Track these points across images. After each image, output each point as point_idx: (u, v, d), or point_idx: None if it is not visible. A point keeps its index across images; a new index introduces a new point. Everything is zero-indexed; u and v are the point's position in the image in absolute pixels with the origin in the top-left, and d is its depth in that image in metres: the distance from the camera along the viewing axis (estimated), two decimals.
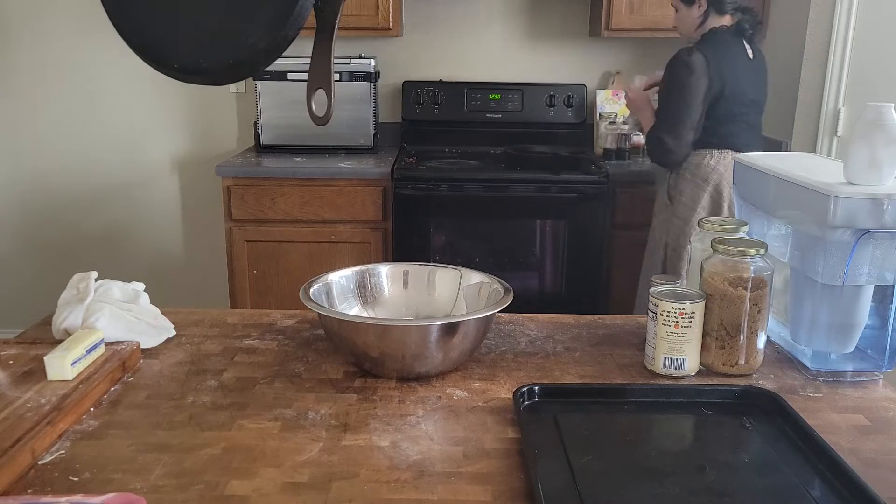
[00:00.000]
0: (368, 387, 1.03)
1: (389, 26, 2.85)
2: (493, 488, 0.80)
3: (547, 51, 3.20)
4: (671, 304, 1.04)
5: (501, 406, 0.98)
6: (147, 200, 3.33)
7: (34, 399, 0.92)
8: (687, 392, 1.00)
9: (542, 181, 2.68)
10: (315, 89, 0.95)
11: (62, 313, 1.10)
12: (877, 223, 1.00)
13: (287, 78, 2.87)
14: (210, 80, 0.92)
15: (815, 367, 1.09)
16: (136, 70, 3.14)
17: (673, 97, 2.20)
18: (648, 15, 2.85)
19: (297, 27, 0.86)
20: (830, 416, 0.97)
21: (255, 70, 0.91)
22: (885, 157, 1.00)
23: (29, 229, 3.33)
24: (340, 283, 1.19)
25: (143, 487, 0.79)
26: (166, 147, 3.28)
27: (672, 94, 2.20)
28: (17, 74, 3.17)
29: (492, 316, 1.06)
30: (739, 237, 1.14)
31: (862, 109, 1.01)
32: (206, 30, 0.87)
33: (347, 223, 2.74)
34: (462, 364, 1.09)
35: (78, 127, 3.23)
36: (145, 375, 1.06)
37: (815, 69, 2.60)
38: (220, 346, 1.16)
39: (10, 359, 1.04)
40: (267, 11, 0.84)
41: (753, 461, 0.86)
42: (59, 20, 3.12)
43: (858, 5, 2.50)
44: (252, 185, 2.71)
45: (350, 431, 0.91)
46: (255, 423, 0.93)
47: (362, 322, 1.03)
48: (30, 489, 0.78)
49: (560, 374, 1.08)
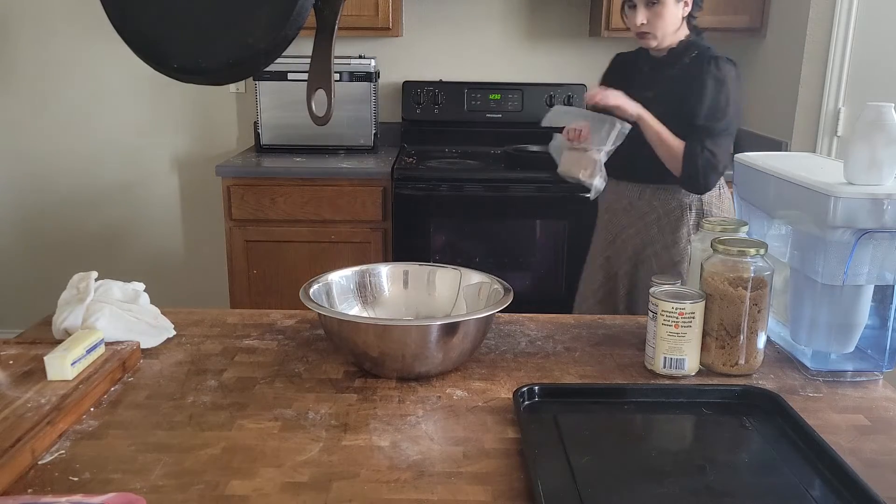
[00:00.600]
0: (368, 387, 1.03)
1: (389, 26, 2.85)
2: (493, 488, 0.80)
3: (547, 51, 3.20)
4: (671, 304, 1.04)
5: (501, 406, 0.98)
6: (147, 200, 3.32)
7: (34, 399, 0.92)
8: (687, 392, 1.00)
9: (542, 181, 2.68)
10: (315, 89, 0.95)
11: (62, 313, 1.10)
12: (877, 223, 1.00)
13: (287, 78, 2.86)
14: (210, 80, 0.92)
15: (815, 367, 1.08)
16: (136, 70, 3.14)
17: (729, 110, 1.88)
18: None
19: (297, 27, 0.86)
20: (830, 416, 0.97)
21: (255, 70, 0.91)
22: (885, 157, 1.00)
23: (29, 229, 3.33)
24: (340, 283, 1.19)
25: (143, 487, 0.79)
26: (166, 147, 3.28)
27: (728, 106, 1.87)
28: (18, 74, 3.17)
29: (492, 316, 1.06)
30: (739, 237, 1.14)
31: (862, 109, 1.01)
32: (205, 30, 0.87)
33: (347, 223, 2.74)
34: (462, 364, 1.09)
35: (78, 127, 3.23)
36: (145, 375, 1.06)
37: (815, 69, 2.60)
38: (220, 346, 1.16)
39: (10, 359, 1.04)
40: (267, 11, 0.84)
41: (753, 461, 0.86)
42: (59, 20, 3.12)
43: (858, 5, 2.50)
44: (252, 185, 2.71)
45: (350, 431, 0.91)
46: (255, 423, 0.93)
47: (362, 322, 1.03)
48: (30, 489, 0.78)
49: (560, 374, 1.08)
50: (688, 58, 1.93)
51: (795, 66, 2.64)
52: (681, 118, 1.87)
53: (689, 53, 1.93)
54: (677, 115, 1.87)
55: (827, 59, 2.57)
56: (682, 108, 1.87)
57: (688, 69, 1.91)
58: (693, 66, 1.90)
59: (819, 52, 2.58)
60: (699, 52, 1.93)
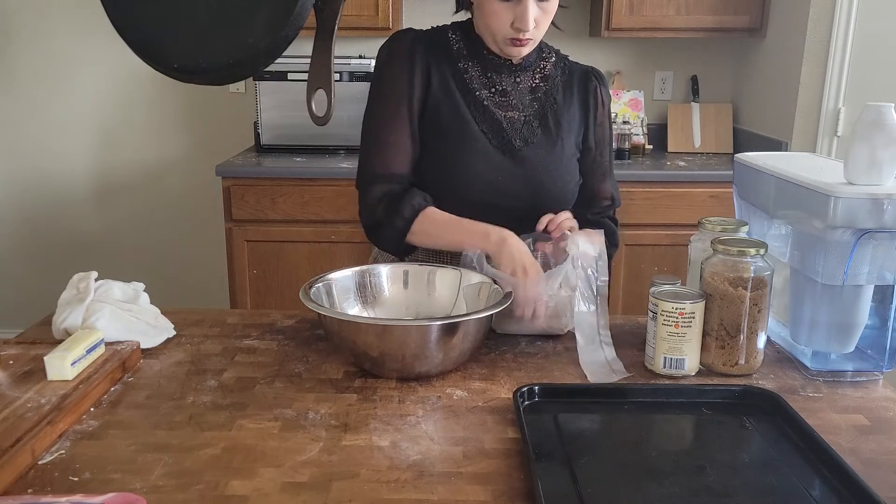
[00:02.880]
0: (368, 387, 1.03)
1: (389, 26, 2.85)
2: (493, 488, 0.80)
3: None
4: (671, 304, 1.04)
5: (501, 406, 0.98)
6: (147, 200, 3.32)
7: (34, 399, 0.92)
8: (687, 392, 1.00)
9: None
10: (315, 89, 0.96)
11: (62, 313, 1.10)
12: (877, 223, 1.00)
13: (287, 78, 2.86)
14: (210, 80, 0.92)
15: (815, 367, 1.08)
16: (136, 70, 3.14)
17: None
18: (648, 15, 2.85)
19: (297, 27, 0.86)
20: (830, 416, 0.97)
21: (255, 70, 0.91)
22: (885, 157, 1.00)
23: (29, 229, 3.33)
24: (340, 283, 1.19)
25: (143, 487, 0.79)
26: (166, 147, 3.27)
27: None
28: (18, 74, 3.17)
29: (492, 316, 1.06)
30: (739, 237, 1.14)
31: (862, 109, 1.01)
32: (205, 30, 0.87)
33: (348, 223, 2.73)
34: (462, 364, 1.09)
35: (78, 127, 3.23)
36: (145, 375, 1.06)
37: (815, 69, 2.60)
38: (220, 346, 1.16)
39: (10, 359, 1.04)
40: (267, 11, 0.84)
41: (753, 461, 0.86)
42: (59, 20, 3.12)
43: (858, 5, 2.50)
44: (252, 185, 2.71)
45: (350, 431, 0.91)
46: (255, 423, 0.93)
47: (362, 322, 1.03)
48: (30, 489, 0.78)
49: (560, 374, 1.08)
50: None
51: (795, 66, 2.64)
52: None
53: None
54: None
55: (827, 59, 2.57)
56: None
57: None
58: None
59: (819, 52, 2.58)
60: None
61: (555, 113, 1.37)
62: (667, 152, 3.14)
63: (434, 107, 1.33)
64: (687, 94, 3.23)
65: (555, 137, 1.36)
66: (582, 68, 1.44)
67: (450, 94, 1.33)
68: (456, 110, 1.33)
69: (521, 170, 1.34)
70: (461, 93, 1.34)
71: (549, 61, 1.40)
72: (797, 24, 2.63)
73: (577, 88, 1.40)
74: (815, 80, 2.60)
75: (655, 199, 2.68)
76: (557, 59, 1.41)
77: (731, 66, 3.20)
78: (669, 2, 2.83)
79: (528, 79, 1.38)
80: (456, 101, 1.33)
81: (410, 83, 1.33)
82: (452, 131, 1.33)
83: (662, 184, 2.68)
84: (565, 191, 1.38)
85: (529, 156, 1.34)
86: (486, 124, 1.33)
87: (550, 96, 1.38)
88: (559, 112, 1.38)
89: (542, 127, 1.36)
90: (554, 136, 1.36)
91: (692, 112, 3.14)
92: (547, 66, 1.40)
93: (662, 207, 2.68)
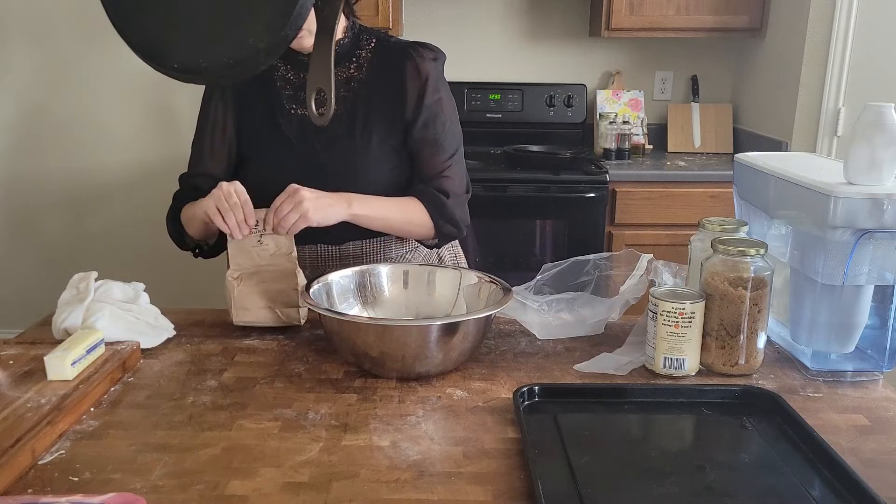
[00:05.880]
0: (368, 387, 1.03)
1: (389, 26, 2.85)
2: (493, 488, 0.80)
3: (547, 51, 3.19)
4: (671, 304, 1.04)
5: (501, 406, 0.98)
6: (147, 200, 3.32)
7: (34, 399, 0.92)
8: (687, 392, 1.00)
9: (542, 181, 2.68)
10: (315, 89, 0.95)
11: (62, 313, 1.10)
12: (877, 223, 1.00)
13: None
14: (210, 80, 0.92)
15: (815, 367, 1.08)
16: (135, 70, 3.14)
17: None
18: (648, 15, 2.85)
19: (297, 27, 0.86)
20: (830, 416, 0.97)
21: (254, 70, 0.91)
22: (885, 157, 1.00)
23: (29, 229, 3.33)
24: (340, 283, 1.19)
25: (143, 487, 0.79)
26: (166, 147, 3.27)
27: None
28: (17, 74, 3.17)
29: (492, 316, 1.06)
30: (739, 237, 1.13)
31: (862, 109, 1.01)
32: (205, 30, 0.87)
33: None
34: (462, 364, 1.09)
35: (78, 127, 3.23)
36: (145, 375, 1.06)
37: (815, 69, 2.60)
38: (220, 346, 1.16)
39: (10, 359, 1.04)
40: (267, 11, 0.84)
41: (753, 461, 0.86)
42: (59, 20, 3.12)
43: (858, 5, 2.50)
44: None
45: (350, 431, 0.91)
46: (255, 423, 0.93)
47: (362, 322, 1.03)
48: (30, 489, 0.78)
49: (560, 374, 1.08)
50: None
51: (795, 66, 2.64)
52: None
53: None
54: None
55: (827, 59, 2.57)
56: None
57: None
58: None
59: (819, 53, 2.58)
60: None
61: (366, 101, 1.34)
62: (667, 152, 3.14)
63: (243, 122, 1.37)
64: (687, 94, 3.23)
65: (362, 129, 1.34)
66: (399, 45, 1.39)
67: (259, 106, 1.36)
68: (267, 120, 1.35)
69: (325, 173, 1.31)
70: (272, 100, 1.35)
71: (366, 48, 1.37)
72: (797, 24, 2.63)
73: (392, 68, 1.36)
74: (815, 80, 2.60)
75: (655, 199, 2.68)
76: (377, 45, 1.38)
77: (731, 66, 3.20)
78: (669, 2, 2.83)
79: (344, 71, 1.36)
80: (267, 111, 1.35)
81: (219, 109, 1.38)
82: (264, 141, 1.36)
83: (662, 184, 2.68)
84: (375, 181, 1.34)
85: (333, 158, 1.33)
86: (293, 129, 1.34)
87: (364, 84, 1.35)
88: (371, 99, 1.34)
89: (350, 120, 1.34)
90: (361, 128, 1.34)
91: (692, 112, 3.14)
92: (363, 53, 1.37)
93: (662, 207, 2.68)
